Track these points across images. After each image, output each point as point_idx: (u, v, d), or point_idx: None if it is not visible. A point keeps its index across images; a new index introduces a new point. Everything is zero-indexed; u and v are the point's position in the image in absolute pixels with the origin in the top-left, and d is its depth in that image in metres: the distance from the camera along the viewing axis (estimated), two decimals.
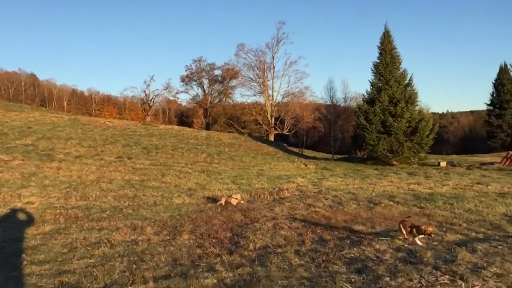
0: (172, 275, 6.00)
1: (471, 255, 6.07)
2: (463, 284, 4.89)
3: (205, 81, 70.62)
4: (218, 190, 14.34)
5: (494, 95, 56.38)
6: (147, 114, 61.49)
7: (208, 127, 65.08)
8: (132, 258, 7.00)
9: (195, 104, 74.29)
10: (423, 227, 6.65)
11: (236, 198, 12.03)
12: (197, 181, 16.40)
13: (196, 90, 71.43)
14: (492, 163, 26.34)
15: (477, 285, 4.85)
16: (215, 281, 5.57)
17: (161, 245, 7.77)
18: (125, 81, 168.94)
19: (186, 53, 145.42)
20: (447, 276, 5.19)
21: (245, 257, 6.76)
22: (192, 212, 10.77)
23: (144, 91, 61.80)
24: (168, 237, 8.36)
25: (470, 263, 5.67)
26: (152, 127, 40.59)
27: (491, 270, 5.35)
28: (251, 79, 62.69)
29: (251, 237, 7.96)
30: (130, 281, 5.78)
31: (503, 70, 56.19)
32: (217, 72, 70.19)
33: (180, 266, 6.47)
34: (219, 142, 35.74)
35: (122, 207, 11.59)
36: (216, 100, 70.97)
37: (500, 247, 6.48)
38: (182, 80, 70.29)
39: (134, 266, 6.51)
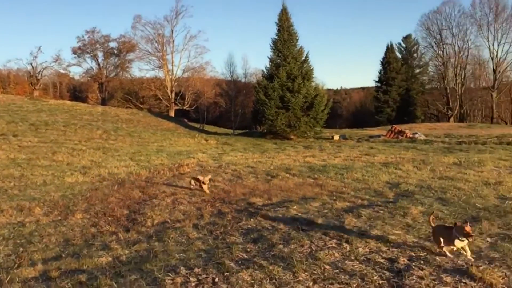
0: (63, 255, 5.73)
1: (357, 220, 6.58)
2: (348, 247, 5.29)
3: (100, 54, 66.79)
4: (115, 167, 13.82)
5: (382, 73, 60.75)
6: (35, 88, 56.91)
7: (104, 102, 61.93)
8: (18, 241, 6.55)
9: (89, 78, 70.01)
10: (460, 227, 4.72)
11: (204, 182, 9.74)
12: (92, 158, 15.66)
13: (90, 63, 67.32)
14: (379, 136, 28.51)
15: (360, 247, 5.27)
16: (110, 259, 5.42)
17: (52, 226, 7.35)
18: (8, 52, 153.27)
19: (78, 23, 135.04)
20: (334, 240, 5.58)
21: (142, 233, 6.66)
22: (87, 190, 10.28)
23: (31, 63, 57.05)
24: (60, 217, 7.93)
25: (355, 227, 6.15)
26: (41, 102, 37.85)
27: (373, 232, 5.85)
28: (150, 52, 60.54)
29: (149, 214, 7.84)
30: (16, 264, 5.42)
31: (389, 49, 60.60)
32: (113, 44, 66.70)
33: (72, 246, 6.20)
34: (116, 118, 34.37)
35: (6, 188, 10.71)
36: (112, 74, 67.64)
37: (381, 211, 7.09)
38: (74, 52, 65.70)
39: (21, 249, 6.11)
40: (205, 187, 9.65)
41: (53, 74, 67.86)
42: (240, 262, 4.99)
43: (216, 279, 4.48)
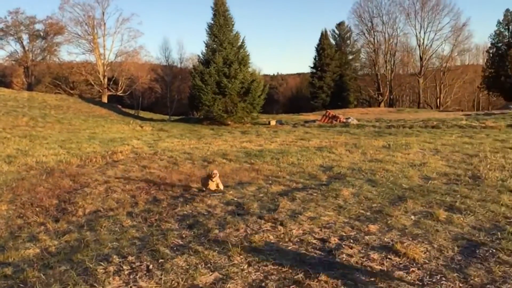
0: None
1: (291, 203, 6.73)
2: (282, 229, 5.41)
3: (25, 36, 62.82)
4: (43, 156, 13.15)
5: (317, 59, 62.01)
6: None
7: (30, 87, 58.39)
8: None
9: (13, 62, 65.75)
10: None
11: (214, 180, 7.92)
12: (18, 147, 14.81)
13: (13, 46, 63.07)
14: (314, 121, 29.17)
15: (294, 229, 5.41)
16: (38, 250, 5.19)
17: None
18: None
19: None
20: (269, 223, 5.69)
21: (73, 223, 6.42)
22: (12, 180, 9.72)
23: None
24: None
25: (289, 210, 6.29)
26: None
27: (306, 214, 6.02)
28: (79, 35, 57.68)
29: (80, 203, 7.56)
30: None
31: (324, 36, 61.92)
32: (39, 26, 62.83)
33: None
34: (44, 104, 32.61)
35: None
36: (39, 58, 63.83)
37: (315, 194, 7.30)
38: None
39: None
40: (212, 184, 7.90)
41: None
42: (175, 248, 4.96)
43: (151, 266, 4.42)
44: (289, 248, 4.81)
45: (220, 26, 29.92)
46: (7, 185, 9.23)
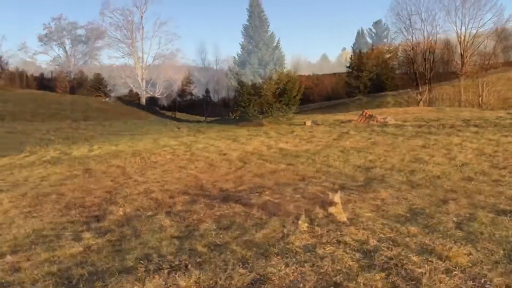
0: (33, 247, 5.63)
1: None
2: (319, 230, 5.38)
3: (67, 42, 65.33)
4: (86, 157, 13.60)
5: (353, 58, 61.26)
6: (0, 77, 55.23)
7: (73, 91, 60.57)
8: None
9: (56, 66, 68.39)
10: None
11: (335, 203, 6.00)
12: (62, 148, 15.35)
13: (57, 51, 65.82)
14: (350, 121, 28.78)
15: (331, 230, 5.36)
16: (81, 249, 5.36)
17: (21, 217, 7.20)
18: None
19: (43, 10, 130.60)
20: (306, 225, 5.65)
21: (114, 222, 6.59)
22: (56, 181, 10.10)
23: None
24: (29, 209, 7.77)
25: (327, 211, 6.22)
26: (7, 91, 36.74)
27: (344, 216, 5.94)
28: (119, 39, 59.34)
29: (121, 203, 7.76)
30: None
31: (360, 35, 61.15)
32: (80, 31, 65.28)
33: (42, 237, 6.07)
34: (86, 106, 33.68)
35: None
36: (81, 62, 66.25)
37: (352, 195, 7.21)
38: (41, 40, 64.20)
39: None
40: (334, 210, 5.98)
41: (19, 62, 66.18)
42: (212, 248, 5.01)
43: (189, 266, 4.49)
44: (327, 249, 4.77)
45: (256, 27, 30.09)
46: (52, 185, 9.58)
